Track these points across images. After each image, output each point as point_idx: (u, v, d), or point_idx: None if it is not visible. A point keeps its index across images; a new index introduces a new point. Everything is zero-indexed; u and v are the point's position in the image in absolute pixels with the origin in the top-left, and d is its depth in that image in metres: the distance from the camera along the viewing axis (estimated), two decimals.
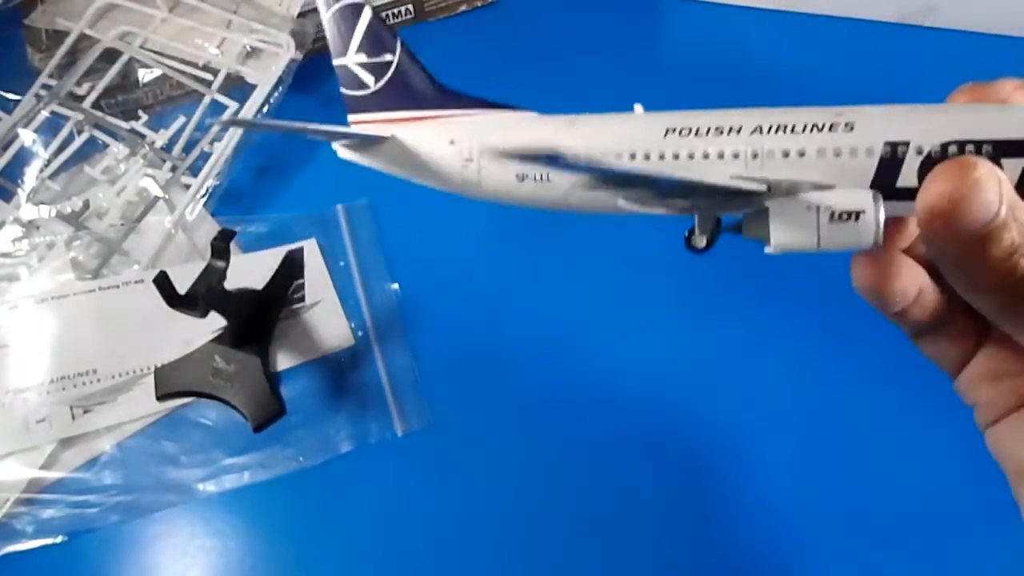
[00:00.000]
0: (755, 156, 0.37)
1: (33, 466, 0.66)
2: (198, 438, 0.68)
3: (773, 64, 0.93)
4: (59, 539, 0.63)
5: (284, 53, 0.86)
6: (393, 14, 0.97)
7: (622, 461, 0.68)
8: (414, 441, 0.69)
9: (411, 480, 0.67)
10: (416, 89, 0.46)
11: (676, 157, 0.39)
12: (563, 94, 0.90)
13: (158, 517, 0.65)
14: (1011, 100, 0.36)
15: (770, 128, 0.37)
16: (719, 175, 0.37)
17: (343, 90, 0.46)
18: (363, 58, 0.45)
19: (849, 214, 0.34)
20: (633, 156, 0.40)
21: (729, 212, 0.40)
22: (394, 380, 0.71)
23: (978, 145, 0.34)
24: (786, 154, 0.37)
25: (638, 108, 0.46)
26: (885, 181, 0.36)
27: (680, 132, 0.39)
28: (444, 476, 0.67)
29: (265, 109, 0.83)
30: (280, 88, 0.85)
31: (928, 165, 0.35)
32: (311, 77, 0.87)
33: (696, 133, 0.39)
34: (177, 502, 0.66)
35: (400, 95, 0.46)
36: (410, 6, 0.97)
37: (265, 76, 0.85)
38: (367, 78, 0.45)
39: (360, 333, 0.74)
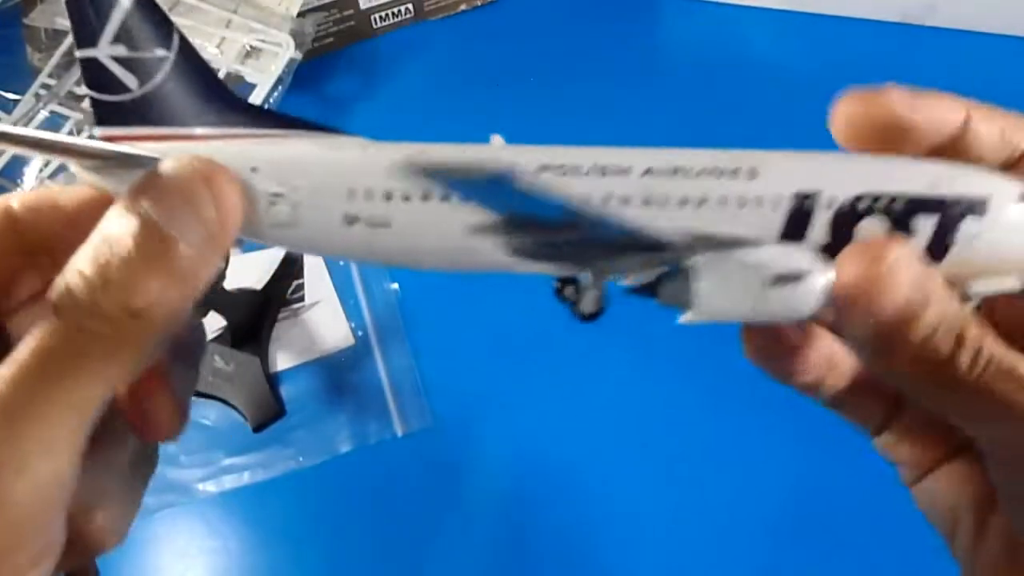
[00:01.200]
0: (647, 202, 0.32)
1: None
2: (198, 438, 0.68)
3: (773, 63, 0.93)
4: None
5: (283, 52, 0.86)
6: (393, 13, 0.97)
7: (622, 460, 0.68)
8: (414, 441, 0.69)
9: (411, 480, 0.67)
10: (199, 98, 0.35)
11: None
12: (564, 94, 0.91)
13: (158, 517, 0.65)
14: (900, 113, 0.33)
15: (664, 170, 0.32)
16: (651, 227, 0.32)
17: (90, 92, 0.34)
18: (121, 51, 0.33)
19: (791, 276, 0.30)
20: None
21: (631, 270, 0.35)
22: (394, 380, 0.71)
23: (890, 200, 0.31)
24: (683, 202, 0.32)
25: (497, 139, 0.39)
26: (794, 236, 0.32)
27: (558, 169, 0.32)
28: (444, 476, 0.67)
29: (265, 108, 0.83)
30: (279, 88, 0.84)
31: (839, 219, 0.32)
32: (310, 77, 0.87)
33: (577, 172, 0.32)
34: (177, 502, 0.66)
35: (175, 105, 0.34)
36: (410, 5, 0.97)
37: (264, 76, 0.85)
38: (127, 78, 0.33)
39: (360, 333, 0.74)
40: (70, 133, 0.83)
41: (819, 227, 0.32)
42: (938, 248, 0.32)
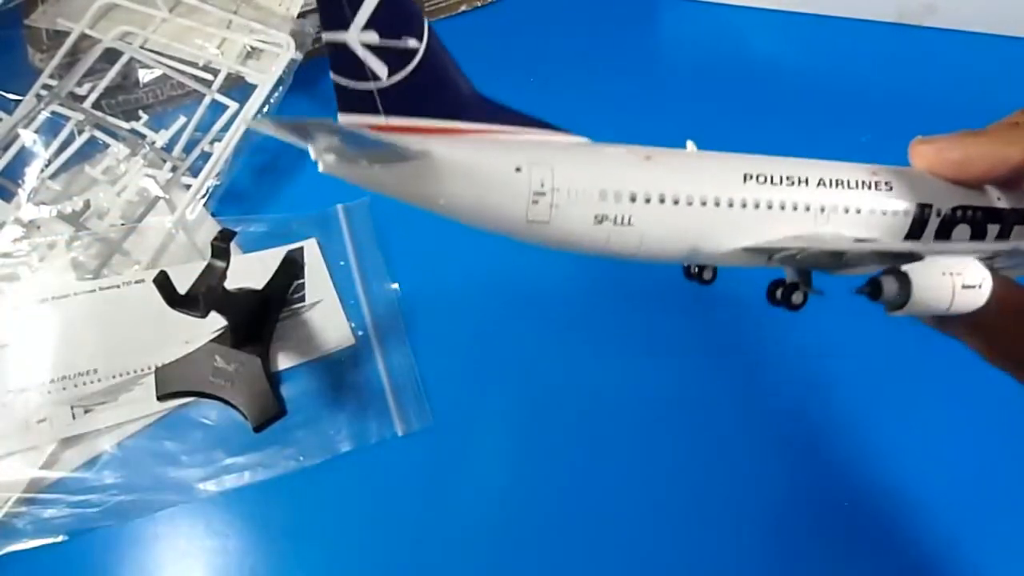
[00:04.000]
0: (822, 210, 0.40)
1: (34, 465, 0.66)
2: (199, 438, 0.68)
3: (773, 63, 0.93)
4: (59, 538, 0.63)
5: (284, 53, 0.86)
6: None
7: (620, 460, 0.68)
8: (414, 441, 0.69)
9: (411, 480, 0.67)
10: (448, 91, 0.35)
11: (756, 206, 0.40)
12: (564, 94, 0.91)
13: (158, 517, 0.65)
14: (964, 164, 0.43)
15: (831, 182, 0.41)
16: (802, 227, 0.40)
17: (336, 77, 0.33)
18: (373, 38, 0.32)
19: (976, 284, 0.38)
20: (716, 202, 0.39)
21: (846, 272, 0.42)
22: (394, 380, 0.71)
23: (975, 210, 0.42)
24: (847, 210, 0.40)
25: (691, 145, 0.45)
26: (913, 237, 0.42)
27: (758, 179, 0.40)
28: (444, 476, 0.67)
29: (265, 109, 0.83)
30: (280, 88, 0.85)
31: (943, 223, 0.41)
32: (311, 77, 0.87)
33: (771, 181, 0.40)
34: (178, 502, 0.66)
35: (425, 96, 0.34)
36: None
37: (265, 76, 0.85)
38: (377, 67, 0.33)
39: (360, 333, 0.74)
40: (71, 134, 0.83)
41: (930, 229, 0.41)
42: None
